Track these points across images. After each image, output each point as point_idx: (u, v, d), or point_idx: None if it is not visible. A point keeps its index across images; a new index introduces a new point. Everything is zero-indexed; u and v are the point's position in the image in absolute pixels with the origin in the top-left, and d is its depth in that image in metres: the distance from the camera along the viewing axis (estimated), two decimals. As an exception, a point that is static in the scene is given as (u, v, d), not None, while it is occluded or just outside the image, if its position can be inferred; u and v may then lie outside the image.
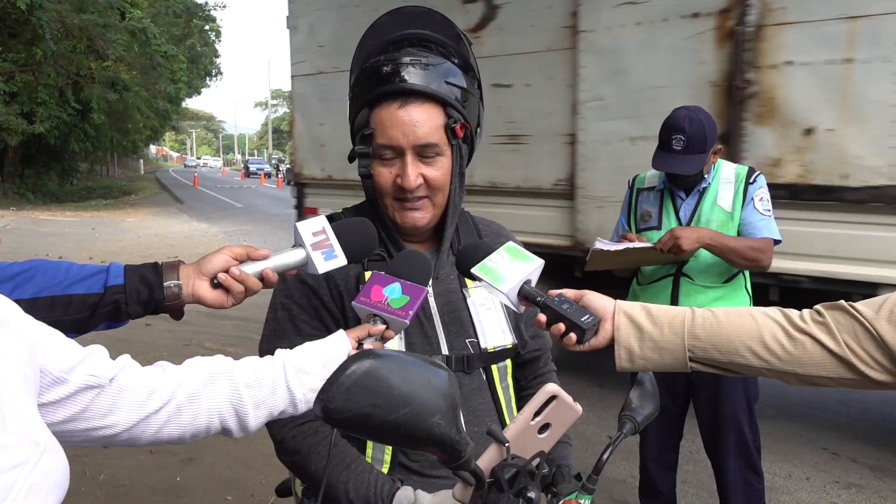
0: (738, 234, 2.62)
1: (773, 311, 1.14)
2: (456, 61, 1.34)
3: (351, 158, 1.34)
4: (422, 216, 1.32)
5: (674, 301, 2.67)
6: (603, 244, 2.66)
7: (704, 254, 2.60)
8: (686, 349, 1.14)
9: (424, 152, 1.28)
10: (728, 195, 2.64)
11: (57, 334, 0.86)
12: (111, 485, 3.45)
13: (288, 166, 38.08)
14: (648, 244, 2.59)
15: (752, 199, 2.62)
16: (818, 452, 4.09)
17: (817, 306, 1.12)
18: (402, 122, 1.26)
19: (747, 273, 2.72)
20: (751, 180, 2.64)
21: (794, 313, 1.12)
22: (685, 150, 2.55)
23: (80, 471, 3.50)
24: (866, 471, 3.86)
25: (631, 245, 2.61)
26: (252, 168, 50.23)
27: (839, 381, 1.09)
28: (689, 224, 2.66)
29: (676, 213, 2.71)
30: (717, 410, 2.70)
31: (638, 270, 2.87)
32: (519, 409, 1.43)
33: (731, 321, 1.13)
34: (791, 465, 3.89)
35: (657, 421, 2.71)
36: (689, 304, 1.27)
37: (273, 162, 53.22)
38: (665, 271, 2.72)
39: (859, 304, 1.08)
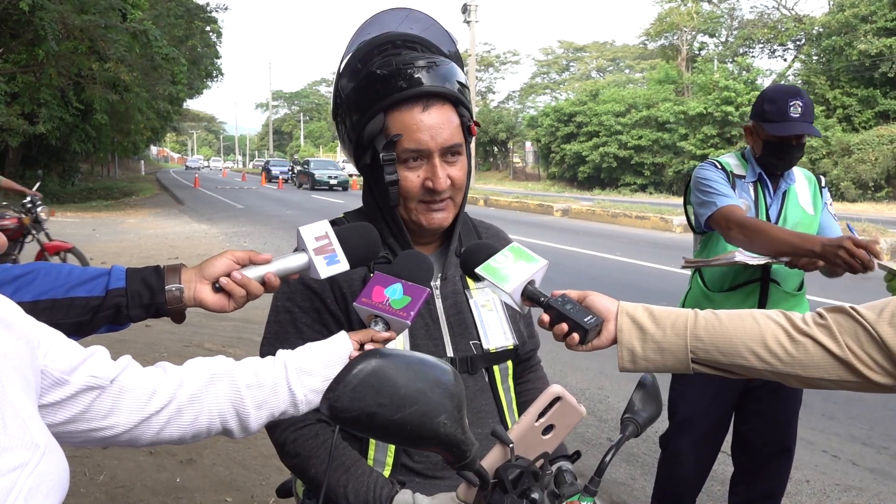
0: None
1: (776, 314, 1.14)
2: (448, 55, 1.35)
3: (370, 168, 1.33)
4: (446, 216, 1.34)
5: (762, 308, 2.46)
6: (745, 257, 2.41)
7: None
8: (688, 350, 1.14)
9: (449, 154, 1.30)
10: (807, 197, 2.59)
11: (58, 335, 0.86)
12: (111, 486, 3.45)
13: (300, 168, 35.70)
14: (784, 259, 2.40)
15: (826, 203, 2.60)
16: (818, 455, 4.08)
17: (819, 309, 1.13)
18: (428, 126, 1.26)
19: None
20: (822, 184, 2.62)
21: (796, 316, 1.12)
22: (803, 116, 2.45)
23: (79, 472, 3.50)
24: (866, 474, 3.85)
25: (771, 260, 2.41)
26: (274, 171, 41.56)
27: (840, 383, 1.09)
28: (776, 223, 2.54)
29: (767, 211, 2.59)
30: (779, 410, 2.65)
31: (707, 274, 2.66)
32: (519, 407, 1.44)
33: (733, 323, 1.13)
34: (791, 468, 3.89)
35: (703, 429, 2.64)
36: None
37: (289, 165, 46.60)
38: (749, 276, 2.55)
39: (861, 307, 1.08)
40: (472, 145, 1.45)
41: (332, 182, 31.61)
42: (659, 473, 2.82)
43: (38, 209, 7.78)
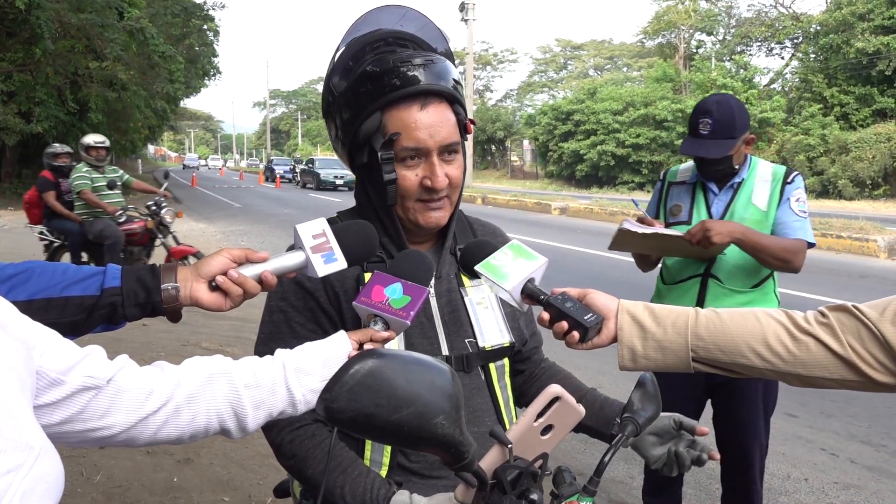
0: (772, 234, 2.52)
1: (777, 312, 1.13)
2: (441, 54, 1.35)
3: (365, 166, 1.32)
4: (443, 215, 1.33)
5: (700, 303, 2.57)
6: (631, 225, 2.54)
7: (733, 254, 2.51)
8: (689, 349, 1.13)
9: (446, 152, 1.29)
10: (764, 194, 2.56)
11: (54, 335, 0.85)
12: (108, 485, 3.44)
13: (303, 167, 34.39)
14: (677, 232, 2.49)
15: (789, 198, 2.54)
16: (816, 453, 4.09)
17: (821, 308, 1.12)
18: (426, 124, 1.26)
19: (776, 278, 2.64)
20: (788, 180, 2.56)
21: (797, 314, 1.12)
22: (712, 134, 2.49)
23: (76, 472, 3.49)
24: (865, 471, 3.85)
25: (659, 230, 2.51)
26: (279, 171, 40.00)
27: (842, 382, 1.08)
28: (720, 219, 2.56)
29: (708, 208, 2.62)
30: (741, 411, 2.65)
31: (663, 268, 2.77)
32: (526, 401, 1.43)
33: (734, 321, 1.12)
34: (789, 466, 3.89)
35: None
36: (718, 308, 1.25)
37: (291, 163, 44.47)
38: (692, 271, 2.62)
39: (863, 306, 1.08)
40: (470, 143, 1.45)
41: (339, 182, 30.03)
42: (645, 465, 2.88)
43: (163, 211, 7.41)
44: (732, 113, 2.51)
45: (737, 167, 2.57)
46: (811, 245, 2.53)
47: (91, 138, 7.47)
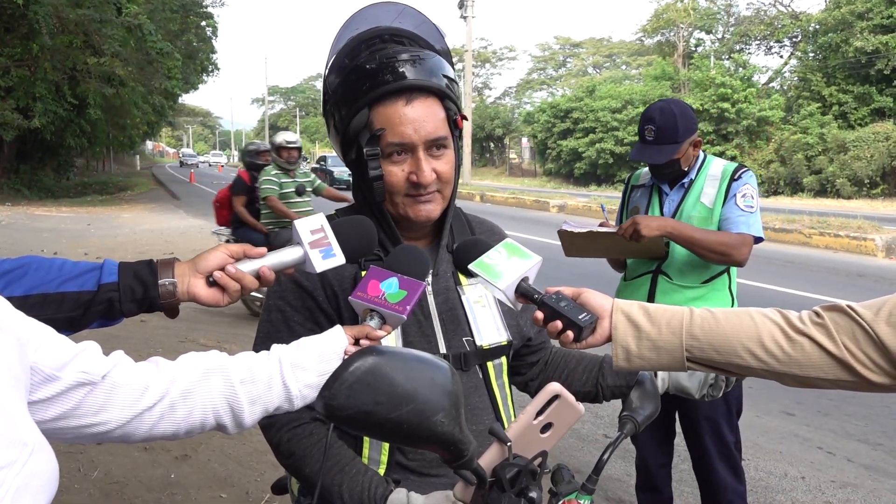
0: (718, 230, 2.59)
1: (772, 312, 1.13)
2: (438, 51, 1.34)
3: (356, 163, 1.32)
4: (434, 208, 1.32)
5: (650, 299, 2.68)
6: (568, 226, 2.69)
7: (680, 252, 2.60)
8: (684, 349, 1.13)
9: (434, 147, 1.28)
10: (712, 192, 2.64)
11: (48, 331, 0.85)
12: (105, 482, 3.43)
13: (315, 166, 33.44)
14: (611, 229, 2.61)
15: (735, 195, 2.60)
16: (813, 452, 4.09)
17: (816, 308, 1.12)
18: (411, 119, 1.25)
19: (733, 274, 2.70)
20: (735, 177, 2.63)
21: (792, 314, 1.12)
22: (656, 140, 2.61)
23: (73, 468, 3.48)
24: (861, 470, 3.86)
25: (594, 229, 2.65)
26: None
27: (837, 383, 1.08)
28: (671, 217, 2.66)
29: (661, 207, 2.73)
30: (695, 411, 2.69)
31: (625, 266, 2.87)
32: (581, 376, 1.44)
33: (729, 321, 1.12)
34: (786, 465, 3.89)
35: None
36: (666, 303, 1.27)
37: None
38: (645, 268, 2.72)
39: (858, 306, 1.07)
40: (468, 139, 1.45)
41: (352, 181, 29.84)
42: (636, 462, 2.98)
43: None
44: (675, 119, 2.60)
45: (685, 168, 2.68)
46: (759, 240, 2.59)
47: (282, 137, 6.46)
